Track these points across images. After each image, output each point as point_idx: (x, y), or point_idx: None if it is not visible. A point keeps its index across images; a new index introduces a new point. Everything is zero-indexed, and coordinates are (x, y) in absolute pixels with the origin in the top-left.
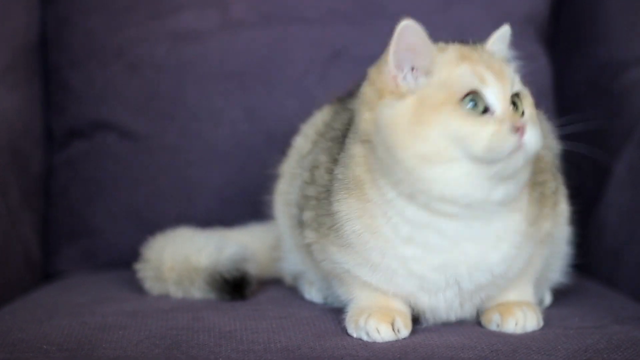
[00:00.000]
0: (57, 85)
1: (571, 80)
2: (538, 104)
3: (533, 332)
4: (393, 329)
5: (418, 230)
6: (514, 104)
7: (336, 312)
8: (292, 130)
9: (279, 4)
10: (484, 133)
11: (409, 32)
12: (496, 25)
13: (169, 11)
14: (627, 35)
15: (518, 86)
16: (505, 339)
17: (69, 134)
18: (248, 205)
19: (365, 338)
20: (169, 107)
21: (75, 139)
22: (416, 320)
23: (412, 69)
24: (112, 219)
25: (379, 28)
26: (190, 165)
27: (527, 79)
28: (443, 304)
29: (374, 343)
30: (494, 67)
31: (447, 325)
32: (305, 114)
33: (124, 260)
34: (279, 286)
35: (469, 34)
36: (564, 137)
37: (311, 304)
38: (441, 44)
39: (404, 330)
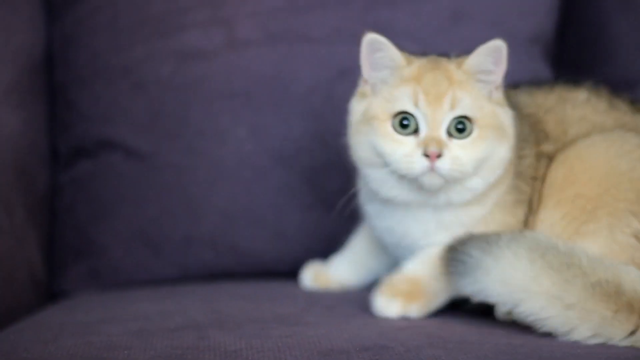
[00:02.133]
0: (62, 104)
1: None
2: None
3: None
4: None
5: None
6: (460, 124)
7: (343, 331)
8: (298, 149)
9: (285, 23)
10: (399, 152)
11: (373, 43)
12: None
13: (174, 30)
14: (634, 55)
15: (466, 110)
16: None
17: (75, 153)
18: (254, 223)
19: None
20: (174, 126)
21: (80, 157)
22: None
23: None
24: (117, 238)
25: None
26: (196, 184)
27: None
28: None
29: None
30: (436, 90)
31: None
32: (311, 133)
33: (130, 279)
34: (284, 305)
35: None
36: None
37: (317, 322)
38: (412, 57)
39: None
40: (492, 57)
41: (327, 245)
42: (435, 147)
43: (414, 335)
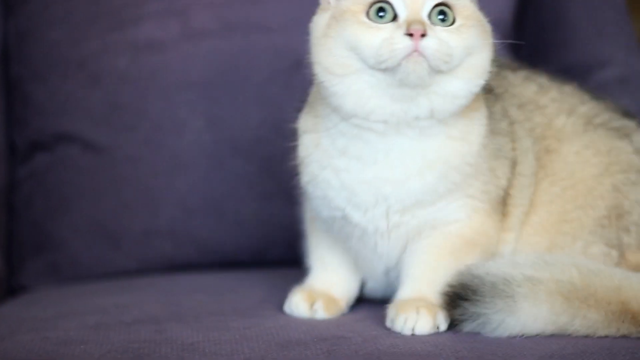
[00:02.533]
0: (19, 98)
1: None
2: None
3: (499, 339)
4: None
5: (351, 143)
6: (442, 13)
7: (300, 323)
8: (256, 139)
9: (241, 12)
10: (376, 39)
11: None
12: None
13: (130, 22)
14: (592, 40)
15: None
16: (472, 345)
17: (32, 147)
18: (213, 214)
19: (287, 311)
20: (131, 118)
21: (38, 151)
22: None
23: None
24: (76, 232)
25: None
26: (154, 175)
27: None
28: (371, 225)
29: (337, 352)
30: None
31: (414, 336)
32: (269, 123)
33: (89, 273)
34: (244, 297)
35: None
36: None
37: (275, 314)
38: None
39: (322, 312)
40: None
41: (287, 234)
42: (419, 25)
43: (372, 325)
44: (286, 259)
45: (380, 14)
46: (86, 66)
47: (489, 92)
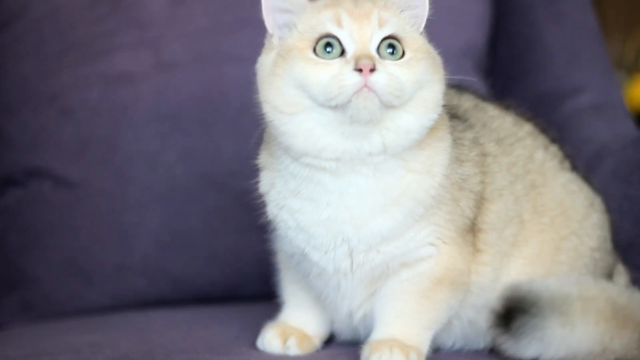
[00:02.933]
0: None
1: None
2: None
3: None
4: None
5: (303, 184)
6: (391, 46)
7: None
8: (228, 171)
9: (213, 43)
10: (325, 75)
11: None
12: None
13: (101, 54)
14: (566, 66)
15: (395, 29)
16: None
17: (4, 182)
18: (186, 248)
19: (260, 347)
20: (103, 152)
21: (10, 186)
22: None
23: (286, 25)
24: (49, 268)
25: None
26: (127, 210)
27: None
28: (332, 265)
29: None
30: (360, 11)
31: None
32: (242, 155)
33: (62, 310)
34: (217, 333)
35: None
36: None
37: (248, 350)
38: None
39: (295, 349)
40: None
41: (262, 268)
42: (368, 60)
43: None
44: (261, 294)
45: (328, 49)
46: (57, 100)
47: (456, 118)
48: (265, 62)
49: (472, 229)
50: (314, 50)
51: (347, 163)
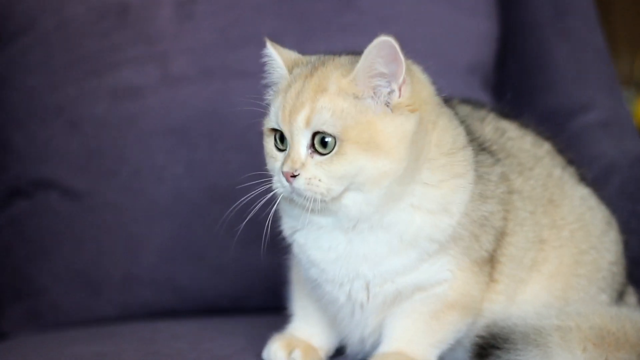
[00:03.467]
0: None
1: None
2: None
3: None
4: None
5: (312, 235)
6: (324, 139)
7: None
8: (235, 185)
9: (220, 58)
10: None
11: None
12: (441, 75)
13: (109, 68)
14: (574, 83)
15: (323, 126)
16: None
17: (11, 193)
18: (193, 260)
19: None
20: (110, 165)
21: (17, 198)
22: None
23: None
24: (56, 279)
25: None
26: (134, 222)
27: None
28: (344, 297)
29: None
30: (295, 104)
31: None
32: (248, 168)
33: (69, 320)
34: (223, 345)
35: None
36: None
37: None
38: (302, 59)
39: None
40: (382, 58)
41: (268, 281)
42: (288, 167)
43: None
44: (267, 306)
45: (278, 138)
46: (65, 112)
47: (484, 151)
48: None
49: (490, 260)
50: (274, 137)
51: (328, 226)
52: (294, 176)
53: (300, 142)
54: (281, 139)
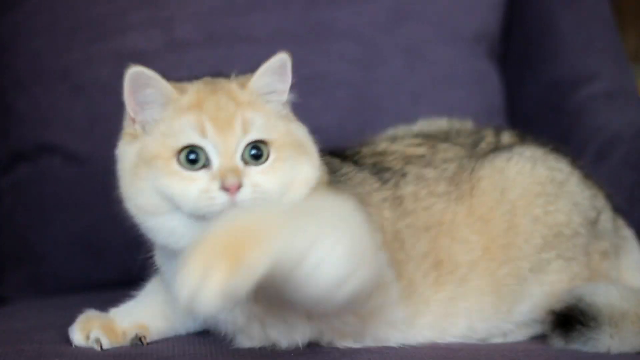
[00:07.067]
0: (1, 109)
1: (524, 98)
2: (490, 122)
3: None
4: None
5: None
6: (255, 149)
7: None
8: None
9: (225, 23)
10: (192, 190)
11: (138, 78)
12: (447, 43)
13: (113, 32)
14: (580, 53)
15: (261, 133)
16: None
17: (14, 158)
18: None
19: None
20: (114, 129)
21: (20, 162)
22: None
23: (150, 113)
24: (57, 244)
25: (327, 47)
26: None
27: (478, 97)
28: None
29: None
30: (224, 115)
31: None
32: None
33: (70, 285)
34: None
35: (418, 52)
36: None
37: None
38: (184, 85)
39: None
40: (277, 74)
41: None
42: (234, 178)
43: None
44: None
45: (192, 156)
46: (69, 76)
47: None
48: (128, 154)
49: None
50: (178, 159)
51: None
52: (239, 187)
53: (236, 153)
54: (187, 159)
